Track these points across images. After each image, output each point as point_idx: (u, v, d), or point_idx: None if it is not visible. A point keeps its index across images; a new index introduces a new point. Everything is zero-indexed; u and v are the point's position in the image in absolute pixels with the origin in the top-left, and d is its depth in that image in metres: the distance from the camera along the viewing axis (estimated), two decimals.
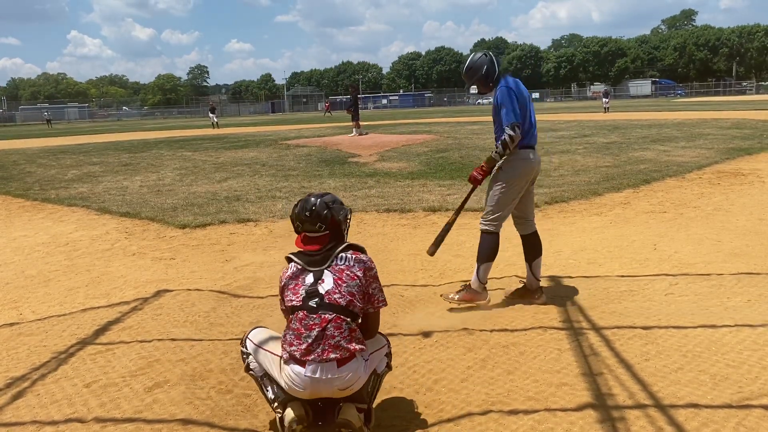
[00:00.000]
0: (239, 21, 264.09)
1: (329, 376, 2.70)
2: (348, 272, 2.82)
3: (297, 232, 3.00)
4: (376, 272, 2.96)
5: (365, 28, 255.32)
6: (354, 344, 2.76)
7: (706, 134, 18.13)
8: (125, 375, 3.60)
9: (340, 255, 2.87)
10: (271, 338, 3.00)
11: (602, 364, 3.49)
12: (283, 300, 2.92)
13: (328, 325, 2.72)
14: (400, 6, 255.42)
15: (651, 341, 3.77)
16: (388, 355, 3.04)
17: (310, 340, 2.71)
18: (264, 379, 2.92)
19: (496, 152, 4.28)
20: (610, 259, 5.68)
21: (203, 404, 3.23)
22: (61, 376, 3.63)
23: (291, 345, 2.75)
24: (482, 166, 4.35)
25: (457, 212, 4.66)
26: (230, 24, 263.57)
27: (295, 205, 2.99)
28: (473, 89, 4.66)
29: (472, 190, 4.64)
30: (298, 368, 2.72)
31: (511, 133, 4.18)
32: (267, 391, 2.90)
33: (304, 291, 2.80)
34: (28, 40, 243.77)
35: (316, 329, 2.71)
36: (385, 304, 2.99)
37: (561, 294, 4.77)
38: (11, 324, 4.59)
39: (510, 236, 6.60)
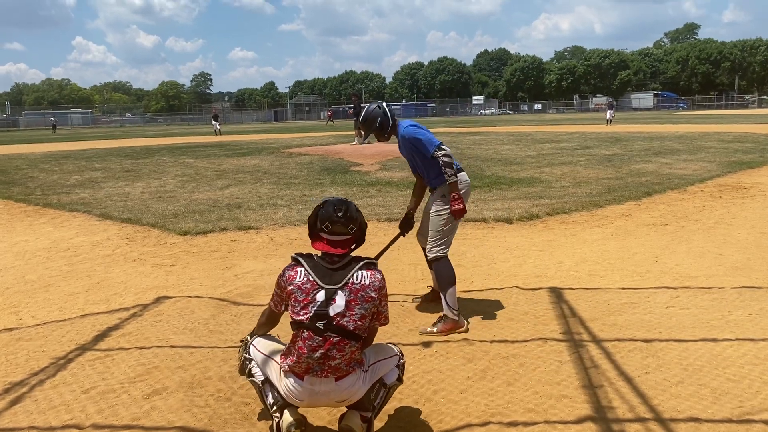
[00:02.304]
0: (243, 29, 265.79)
1: (327, 389, 2.71)
2: (363, 293, 2.74)
3: (315, 235, 2.89)
4: (387, 290, 2.91)
5: (369, 38, 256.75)
6: (353, 366, 2.75)
7: (708, 147, 18.15)
8: (124, 381, 3.59)
9: (356, 273, 2.77)
10: (274, 344, 3.00)
11: (602, 376, 3.48)
12: (282, 300, 2.85)
13: (332, 348, 2.68)
14: (404, 16, 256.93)
15: (652, 354, 3.76)
16: (400, 367, 3.00)
17: (311, 361, 2.68)
18: (265, 385, 2.91)
19: (449, 176, 4.24)
20: (611, 271, 5.67)
21: (201, 412, 3.22)
22: (59, 381, 3.62)
23: (292, 360, 2.73)
24: (453, 196, 4.29)
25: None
26: (234, 32, 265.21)
27: (319, 207, 2.89)
28: (478, 99, 4.74)
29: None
30: (295, 380, 2.73)
31: (446, 150, 4.25)
32: (267, 396, 2.89)
33: (313, 310, 2.70)
34: (32, 45, 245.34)
35: (320, 351, 2.68)
36: (387, 322, 2.97)
37: (561, 305, 4.76)
38: (10, 329, 4.58)
39: (511, 247, 6.62)
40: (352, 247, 2.92)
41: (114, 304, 5.10)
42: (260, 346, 2.98)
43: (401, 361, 3.01)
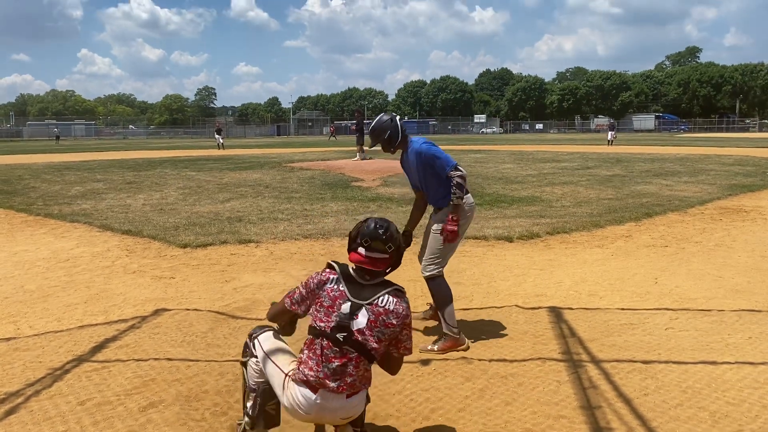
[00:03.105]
0: (248, 45, 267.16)
1: (337, 405, 2.67)
2: (384, 317, 2.73)
3: (354, 249, 2.89)
4: (411, 320, 2.88)
5: (372, 56, 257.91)
6: (365, 384, 2.74)
7: (709, 170, 18.19)
8: (120, 393, 3.57)
9: (384, 296, 2.76)
10: (280, 349, 2.91)
11: (601, 397, 3.46)
12: (303, 301, 2.84)
13: (349, 363, 2.67)
14: (407, 35, 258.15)
15: (650, 376, 3.74)
16: None
17: (328, 372, 2.65)
18: (252, 393, 2.89)
19: (456, 197, 4.24)
20: (611, 292, 5.66)
21: (197, 426, 3.20)
22: (55, 392, 3.60)
23: (309, 368, 2.68)
24: (452, 217, 4.28)
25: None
26: (239, 47, 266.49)
27: (362, 223, 2.91)
28: (479, 118, 4.74)
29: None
30: (308, 393, 2.66)
31: (462, 172, 4.24)
32: (247, 403, 2.91)
33: (336, 319, 2.70)
34: (38, 57, 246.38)
35: (336, 363, 2.66)
36: (410, 353, 2.89)
37: (561, 325, 4.75)
38: (8, 339, 4.57)
39: (511, 265, 6.62)
40: (388, 270, 2.92)
41: (112, 316, 5.09)
42: (266, 345, 2.90)
43: None
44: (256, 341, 2.93)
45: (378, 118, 4.54)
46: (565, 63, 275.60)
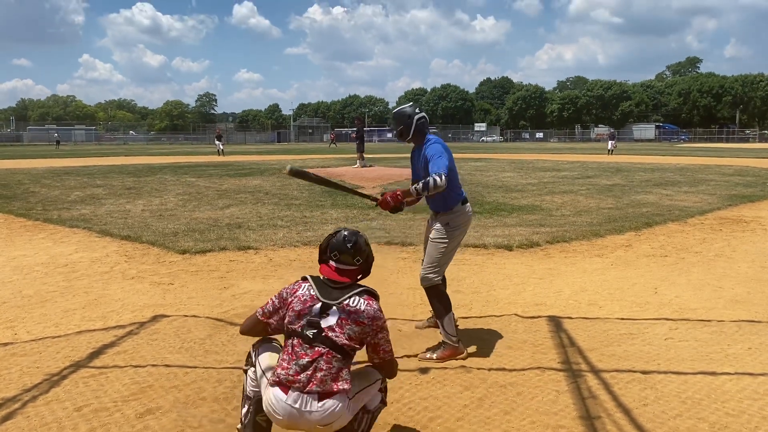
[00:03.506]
0: (250, 51, 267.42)
1: (309, 408, 2.66)
2: (355, 316, 2.80)
3: (324, 261, 3.03)
4: (385, 323, 2.92)
5: (373, 63, 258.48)
6: (338, 384, 2.72)
7: (709, 180, 18.21)
8: (117, 400, 3.56)
9: (354, 297, 2.85)
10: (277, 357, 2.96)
11: (600, 407, 3.44)
12: (275, 311, 2.91)
13: (320, 359, 2.71)
14: (409, 43, 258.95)
15: (650, 386, 3.73)
16: (383, 390, 3.00)
17: (298, 368, 2.70)
18: (247, 401, 2.93)
19: (415, 188, 4.11)
20: (611, 301, 5.65)
21: None
22: (52, 398, 3.59)
23: (281, 368, 2.74)
24: (398, 193, 4.17)
25: (336, 187, 4.64)
26: (241, 54, 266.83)
27: (331, 236, 3.04)
28: (480, 126, 4.70)
29: (362, 195, 4.61)
30: (280, 394, 2.69)
31: (438, 180, 4.04)
32: (242, 410, 2.96)
33: (306, 319, 2.78)
34: (40, 62, 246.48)
35: (306, 359, 2.71)
36: (390, 356, 2.97)
37: (560, 334, 4.73)
38: (5, 344, 4.55)
39: (510, 274, 6.61)
40: (359, 277, 3.05)
41: (110, 322, 5.08)
42: (264, 363, 2.93)
43: (383, 384, 3.02)
44: (257, 362, 2.96)
45: (402, 107, 4.50)
46: (566, 72, 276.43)
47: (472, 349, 4.42)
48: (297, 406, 2.66)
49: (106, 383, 3.80)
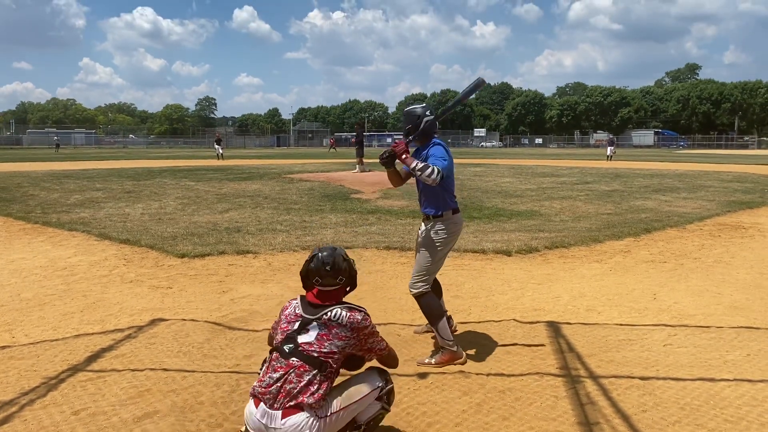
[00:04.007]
0: (250, 56, 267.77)
1: (273, 425, 2.72)
2: (337, 330, 2.87)
3: (308, 287, 3.08)
4: (373, 328, 2.99)
5: (373, 68, 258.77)
6: (305, 397, 2.74)
7: (708, 186, 18.24)
8: (115, 404, 3.55)
9: (335, 311, 2.92)
10: None
11: (599, 413, 3.44)
12: (275, 328, 3.07)
13: (291, 371, 2.78)
14: (409, 48, 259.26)
15: (649, 392, 3.73)
16: (384, 396, 3.01)
17: (270, 381, 2.78)
18: None
19: (417, 165, 4.04)
20: (609, 307, 5.65)
21: None
22: (49, 402, 3.58)
23: (257, 380, 2.86)
24: (406, 155, 4.12)
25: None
26: (241, 58, 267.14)
27: (308, 261, 3.08)
28: (479, 132, 4.66)
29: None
30: (252, 407, 2.80)
31: (435, 171, 3.99)
32: None
33: (286, 335, 2.89)
34: (40, 65, 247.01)
35: (279, 372, 2.79)
36: (387, 352, 3.10)
37: (559, 340, 4.73)
38: (3, 347, 4.55)
39: (509, 279, 6.61)
40: (347, 290, 3.13)
41: (109, 325, 5.07)
42: None
43: (386, 389, 3.02)
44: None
45: (413, 107, 4.48)
46: (565, 78, 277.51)
47: (470, 354, 4.42)
48: (264, 421, 2.74)
49: (104, 387, 3.80)
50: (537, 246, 8.30)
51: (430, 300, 4.34)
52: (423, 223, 4.50)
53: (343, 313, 2.91)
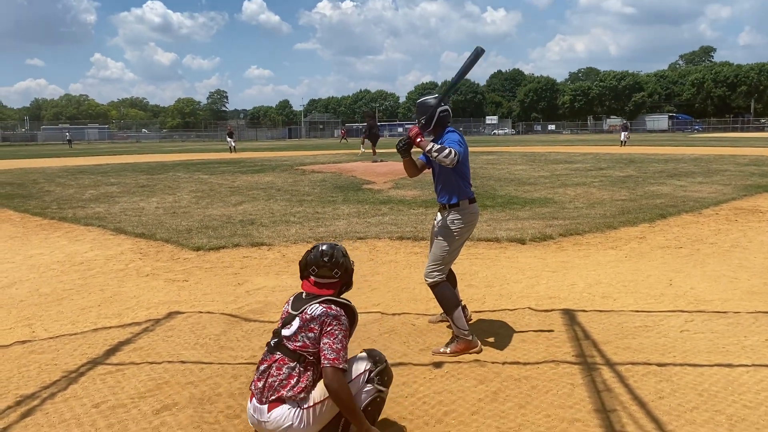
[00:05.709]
0: (260, 48, 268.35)
1: (262, 418, 2.83)
2: (310, 323, 2.92)
3: (305, 277, 3.13)
4: (336, 329, 2.88)
5: (383, 57, 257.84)
6: (285, 390, 2.83)
7: (724, 170, 18.02)
8: (134, 396, 3.59)
9: (313, 306, 2.96)
10: None
11: (616, 400, 3.43)
12: None
13: (273, 365, 2.88)
14: (419, 36, 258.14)
15: (666, 379, 3.71)
16: (374, 379, 2.95)
17: (259, 374, 2.92)
18: None
19: (433, 147, 4.02)
20: (625, 294, 5.62)
21: (211, 428, 3.21)
22: (70, 395, 3.63)
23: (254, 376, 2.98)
24: (420, 139, 4.12)
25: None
26: (251, 51, 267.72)
27: (309, 252, 3.13)
28: (491, 119, 4.61)
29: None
30: (248, 402, 2.94)
31: (452, 152, 3.97)
32: None
33: (274, 330, 3.02)
34: (53, 61, 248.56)
35: (265, 365, 2.91)
36: (337, 364, 2.78)
37: (575, 327, 4.72)
38: (23, 341, 4.61)
39: (523, 267, 6.59)
40: (342, 289, 3.17)
41: (126, 319, 5.12)
42: None
43: (375, 370, 2.97)
44: None
45: (426, 98, 4.47)
46: (578, 63, 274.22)
47: (486, 342, 4.41)
48: (256, 416, 2.86)
49: (122, 380, 3.84)
50: (551, 234, 8.26)
51: (445, 289, 4.34)
52: (439, 213, 4.49)
53: (319, 306, 2.96)
